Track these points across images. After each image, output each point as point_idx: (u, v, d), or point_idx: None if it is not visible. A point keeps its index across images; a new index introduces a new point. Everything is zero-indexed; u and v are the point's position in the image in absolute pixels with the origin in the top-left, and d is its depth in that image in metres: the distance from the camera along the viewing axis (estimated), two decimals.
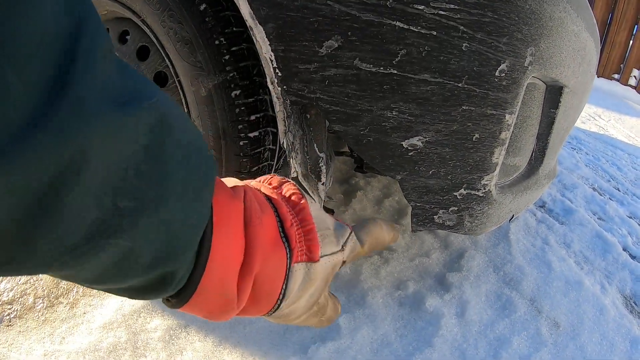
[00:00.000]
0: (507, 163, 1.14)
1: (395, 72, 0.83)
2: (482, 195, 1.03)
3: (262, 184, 0.57)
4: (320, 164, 1.03)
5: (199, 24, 1.01)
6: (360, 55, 0.82)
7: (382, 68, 0.83)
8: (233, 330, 1.23)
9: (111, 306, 1.23)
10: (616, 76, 5.81)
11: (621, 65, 5.77)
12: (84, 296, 1.25)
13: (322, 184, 1.05)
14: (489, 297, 1.50)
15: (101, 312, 1.21)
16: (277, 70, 0.89)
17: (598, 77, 5.78)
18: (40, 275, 1.30)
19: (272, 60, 0.89)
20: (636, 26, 5.61)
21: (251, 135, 1.09)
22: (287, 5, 0.84)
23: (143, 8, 1.09)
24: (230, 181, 0.52)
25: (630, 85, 5.76)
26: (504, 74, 0.88)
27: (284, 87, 0.90)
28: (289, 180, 0.57)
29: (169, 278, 0.41)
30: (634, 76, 5.74)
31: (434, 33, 0.80)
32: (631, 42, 5.67)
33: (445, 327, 1.32)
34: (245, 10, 0.89)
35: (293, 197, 0.54)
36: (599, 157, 3.12)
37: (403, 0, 0.78)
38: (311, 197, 1.08)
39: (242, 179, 1.13)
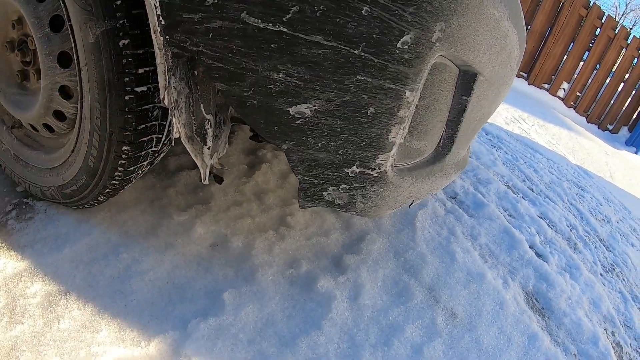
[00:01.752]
0: (410, 145, 1.10)
1: (285, 30, 0.76)
2: (376, 175, 0.98)
3: None
4: (206, 127, 0.96)
5: None
6: (248, 8, 0.75)
7: (270, 24, 0.76)
8: (113, 299, 1.16)
9: None
10: (546, 86, 6.05)
11: (552, 76, 6.01)
12: None
13: (208, 148, 0.98)
14: (385, 282, 1.48)
15: None
16: (160, 18, 0.81)
17: (529, 84, 6.00)
18: None
19: (156, 7, 0.81)
20: (572, 43, 5.86)
21: (138, 90, 1.01)
22: None
23: None
24: None
25: (558, 97, 6.03)
26: (407, 47, 0.83)
27: (167, 37, 0.81)
28: None
29: None
30: (563, 88, 6.01)
31: None
32: (565, 56, 5.92)
33: (335, 310, 1.29)
34: None
35: None
36: (518, 158, 3.21)
37: None
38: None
39: (127, 136, 1.05)
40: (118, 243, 1.30)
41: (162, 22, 0.80)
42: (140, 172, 1.20)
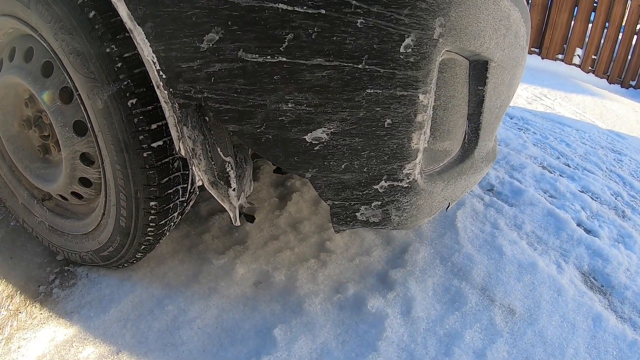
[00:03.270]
0: (435, 148, 1.07)
1: (284, 59, 0.75)
2: (406, 185, 0.96)
3: None
4: (227, 169, 0.95)
5: (89, 33, 0.95)
6: (244, 45, 0.75)
7: (269, 57, 0.75)
8: (165, 352, 1.17)
9: (44, 337, 1.18)
10: (560, 56, 5.94)
11: (564, 45, 5.89)
12: (18, 330, 1.19)
13: (233, 190, 0.97)
14: (436, 291, 1.44)
15: (34, 344, 1.16)
16: (160, 73, 0.82)
17: (543, 59, 5.89)
18: None
19: (154, 63, 0.82)
20: (576, 7, 5.75)
21: (154, 145, 1.02)
22: (162, 2, 0.77)
23: (38, 22, 1.04)
24: None
25: (574, 64, 5.91)
26: (410, 50, 0.81)
27: (170, 89, 0.82)
28: None
29: None
30: (578, 55, 5.88)
31: (323, 11, 0.73)
32: (572, 22, 5.80)
33: (389, 328, 1.26)
34: (123, 11, 0.83)
35: None
36: (547, 136, 3.13)
37: None
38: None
39: (152, 191, 1.05)
40: (162, 296, 1.31)
41: (163, 76, 0.80)
42: (172, 224, 1.21)
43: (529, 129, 3.20)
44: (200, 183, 0.95)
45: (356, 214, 0.95)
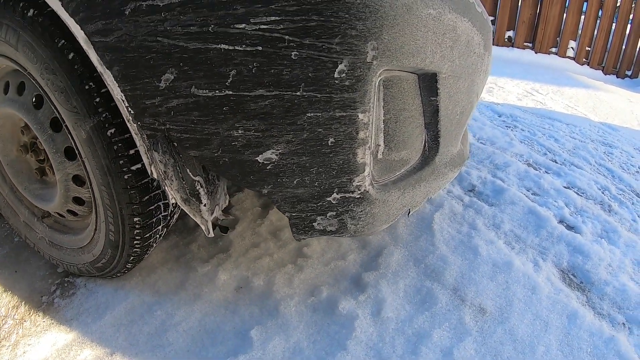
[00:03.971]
0: (391, 159, 1.14)
1: (230, 93, 0.85)
2: (358, 196, 1.04)
3: None
4: (197, 188, 1.05)
5: (70, 72, 1.05)
6: (195, 82, 0.85)
7: (217, 91, 0.85)
8: (154, 353, 1.27)
9: (46, 342, 1.30)
10: (554, 50, 5.89)
11: (557, 38, 5.86)
12: (23, 337, 1.30)
13: (204, 205, 1.07)
14: (407, 292, 1.49)
15: (38, 349, 1.27)
16: (129, 109, 0.93)
17: (536, 53, 5.87)
18: None
19: (123, 101, 0.92)
20: None
21: (134, 168, 1.12)
22: (125, 48, 0.88)
23: (26, 63, 1.15)
24: None
25: (569, 57, 5.84)
26: (344, 75, 0.88)
27: (138, 123, 0.93)
28: None
29: None
30: (571, 47, 5.84)
31: (260, 48, 0.83)
32: (565, 14, 5.76)
33: (359, 328, 1.32)
34: (93, 57, 0.94)
35: None
36: (535, 132, 3.10)
37: (224, 23, 0.81)
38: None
39: (135, 209, 1.16)
40: (152, 302, 1.41)
41: (132, 112, 0.91)
42: (157, 236, 1.31)
43: (517, 126, 3.18)
44: (173, 201, 1.05)
45: (313, 223, 1.04)
